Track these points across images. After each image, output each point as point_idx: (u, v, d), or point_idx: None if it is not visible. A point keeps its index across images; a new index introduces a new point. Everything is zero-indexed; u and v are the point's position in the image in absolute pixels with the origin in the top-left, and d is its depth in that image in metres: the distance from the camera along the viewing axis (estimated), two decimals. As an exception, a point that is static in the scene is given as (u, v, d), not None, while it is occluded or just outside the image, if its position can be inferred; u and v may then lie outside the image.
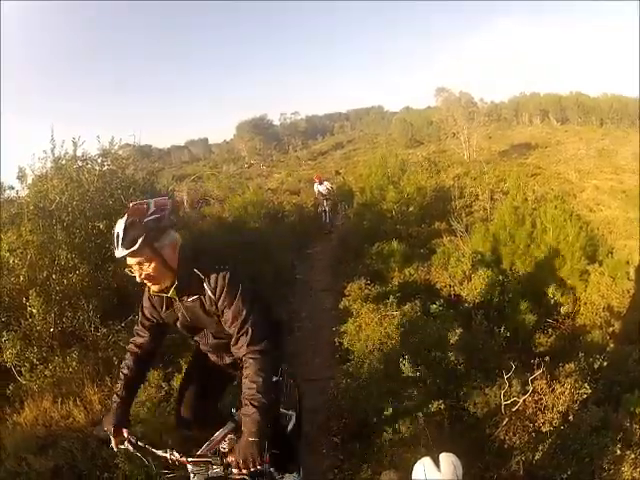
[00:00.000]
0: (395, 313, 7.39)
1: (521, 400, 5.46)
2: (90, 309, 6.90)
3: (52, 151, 7.77)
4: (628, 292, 9.35)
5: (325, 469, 5.61)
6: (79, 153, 8.05)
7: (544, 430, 5.25)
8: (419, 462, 2.22)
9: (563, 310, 9.20)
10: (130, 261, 3.10)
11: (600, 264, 9.95)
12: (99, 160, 8.35)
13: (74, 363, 6.54)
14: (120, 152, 9.04)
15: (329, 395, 6.64)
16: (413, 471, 2.19)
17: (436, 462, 2.20)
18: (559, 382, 5.63)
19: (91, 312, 6.91)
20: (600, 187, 24.58)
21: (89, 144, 8.24)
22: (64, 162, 7.81)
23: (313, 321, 9.73)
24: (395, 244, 11.47)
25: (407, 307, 7.43)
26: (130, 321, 7.04)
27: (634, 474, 4.73)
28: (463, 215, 14.06)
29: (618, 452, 4.93)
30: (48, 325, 6.59)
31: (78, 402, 6.22)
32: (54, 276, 6.79)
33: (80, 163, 8.04)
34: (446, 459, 2.22)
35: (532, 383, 5.55)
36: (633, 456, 4.89)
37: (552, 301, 9.56)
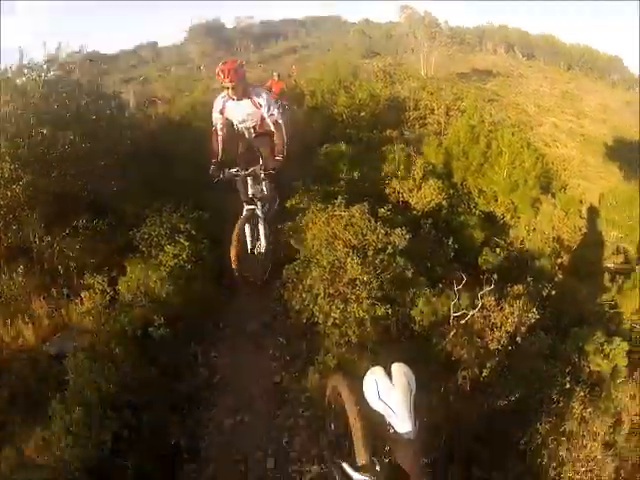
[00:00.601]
0: (343, 213, 7.27)
1: (470, 314, 5.53)
2: (34, 219, 6.76)
3: None
4: (580, 229, 9.57)
5: (272, 370, 5.66)
6: (25, 61, 7.80)
7: (492, 348, 5.38)
8: (370, 372, 2.11)
9: (513, 233, 9.32)
10: None
11: (553, 196, 10.04)
12: (45, 67, 8.03)
13: (20, 278, 6.39)
14: (64, 56, 8.79)
15: (275, 295, 6.68)
16: (364, 382, 2.06)
17: (387, 372, 2.06)
18: (508, 302, 5.70)
19: (35, 222, 6.76)
20: (559, 126, 24.29)
21: (35, 51, 8.14)
22: (10, 75, 7.65)
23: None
24: (344, 146, 11.25)
25: (355, 209, 7.29)
26: (75, 227, 6.97)
27: (584, 413, 4.81)
28: (417, 126, 13.88)
29: (567, 385, 5.04)
30: None
31: (27, 319, 6.08)
32: None
33: (26, 72, 7.77)
34: (398, 369, 2.10)
35: (481, 299, 5.60)
36: (582, 394, 5.04)
37: (501, 222, 9.65)
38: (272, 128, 6.84)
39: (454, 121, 13.84)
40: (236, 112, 6.94)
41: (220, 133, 7.05)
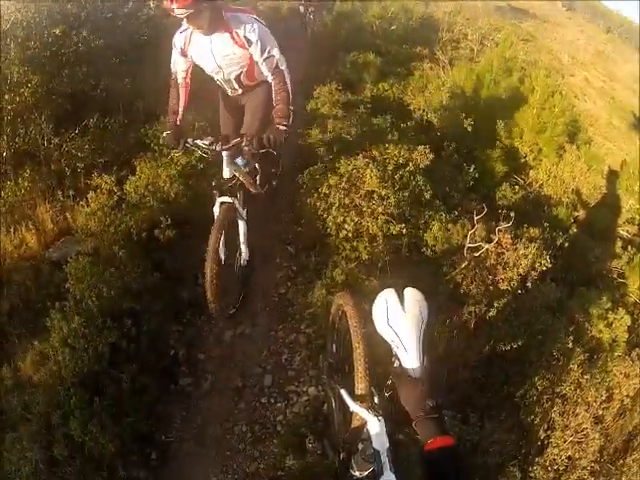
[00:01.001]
0: (365, 122, 7.21)
1: (485, 247, 5.39)
2: (42, 121, 6.48)
3: None
4: (600, 188, 9.34)
5: (278, 281, 5.60)
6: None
7: (502, 287, 5.25)
8: (381, 294, 1.94)
9: (533, 173, 9.03)
10: None
11: (578, 148, 9.76)
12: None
13: (26, 183, 6.17)
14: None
15: (287, 200, 6.59)
16: (374, 304, 1.91)
17: (400, 296, 1.91)
18: (523, 244, 5.55)
19: (43, 124, 6.49)
20: (590, 82, 23.47)
21: None
22: None
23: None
24: (372, 56, 11.06)
25: (378, 119, 7.16)
26: (84, 126, 6.74)
27: (580, 379, 4.73)
28: (449, 48, 13.40)
29: (569, 345, 4.92)
30: (1, 149, 6.24)
31: (30, 226, 5.93)
32: (6, 96, 6.36)
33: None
34: (412, 296, 1.93)
35: (498, 234, 5.46)
36: (582, 357, 4.88)
37: (523, 160, 9.42)
38: (269, 78, 4.46)
39: (487, 50, 13.48)
40: (207, 54, 4.46)
41: (182, 83, 4.78)
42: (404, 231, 5.45)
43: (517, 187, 7.93)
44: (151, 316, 4.78)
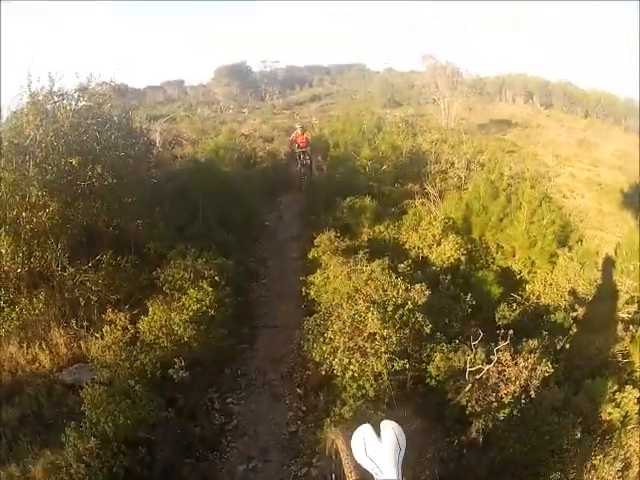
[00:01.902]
0: (365, 268, 7.39)
1: (485, 369, 5.53)
2: (58, 248, 6.82)
3: (29, 86, 7.55)
4: (595, 281, 9.54)
5: (289, 420, 5.71)
6: (56, 89, 7.83)
7: (506, 401, 5.36)
8: (358, 429, 2.16)
9: (529, 288, 9.33)
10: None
11: (570, 249, 10.07)
12: (75, 95, 8.15)
13: (40, 305, 6.46)
14: (97, 89, 8.87)
15: (294, 345, 6.77)
16: (352, 438, 2.14)
17: (377, 430, 2.14)
18: (522, 357, 5.69)
19: (59, 251, 6.83)
20: (576, 176, 24.62)
21: (67, 80, 8.05)
22: (40, 98, 7.59)
23: (280, 269, 9.90)
24: (367, 200, 11.44)
25: (376, 264, 7.43)
26: (98, 260, 7.04)
27: (594, 461, 4.84)
28: (437, 180, 13.96)
29: (579, 435, 5.05)
30: (16, 265, 6.53)
31: (44, 346, 6.20)
32: (24, 214, 6.66)
33: (56, 99, 7.82)
34: (387, 426, 2.15)
35: (497, 353, 5.62)
36: (592, 443, 5.04)
37: (518, 277, 9.74)
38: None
39: (474, 175, 14.02)
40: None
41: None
42: (407, 366, 5.61)
43: (515, 304, 8.19)
44: (165, 447, 4.91)
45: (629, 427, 5.69)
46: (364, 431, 2.12)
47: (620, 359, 7.53)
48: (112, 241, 7.65)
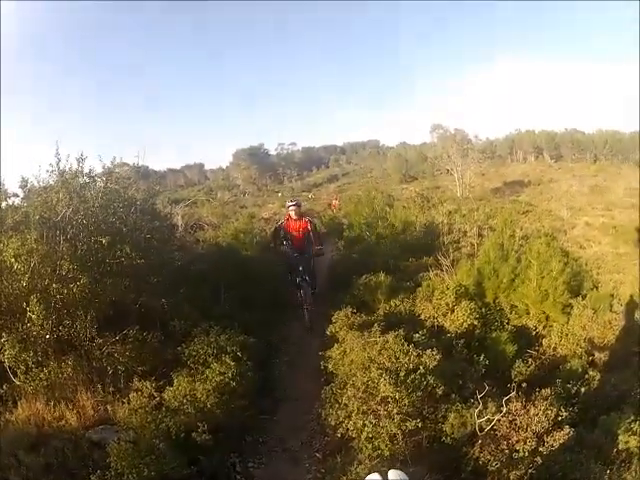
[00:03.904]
0: (378, 339, 7.58)
1: (495, 419, 5.71)
2: (88, 319, 7.06)
3: (57, 165, 7.95)
4: (610, 323, 9.65)
5: None
6: (86, 169, 8.28)
7: (518, 449, 5.47)
8: (368, 477, 2.37)
9: (545, 342, 9.53)
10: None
11: (583, 298, 10.23)
12: (104, 178, 8.62)
13: (69, 369, 6.74)
14: (118, 171, 9.28)
15: (313, 415, 6.98)
16: None
17: (385, 477, 2.35)
18: (534, 405, 5.84)
19: (88, 322, 7.07)
20: (591, 224, 24.88)
21: (90, 160, 8.41)
22: (68, 177, 7.98)
23: (301, 346, 10.12)
24: (382, 276, 11.63)
25: (390, 335, 7.60)
26: (125, 334, 7.29)
27: None
28: (451, 250, 14.22)
29: (592, 466, 5.16)
30: (45, 331, 6.75)
31: (70, 406, 6.45)
32: (55, 285, 6.97)
33: (87, 179, 8.29)
34: (393, 474, 2.37)
35: (507, 404, 5.77)
36: (608, 472, 5.12)
37: (534, 333, 9.94)
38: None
39: (486, 241, 14.30)
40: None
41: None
42: (420, 425, 5.75)
43: (530, 359, 8.35)
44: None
45: (647, 453, 5.68)
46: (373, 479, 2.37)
47: (638, 391, 7.53)
48: (138, 317, 7.90)
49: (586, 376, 7.77)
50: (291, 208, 10.94)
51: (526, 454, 5.39)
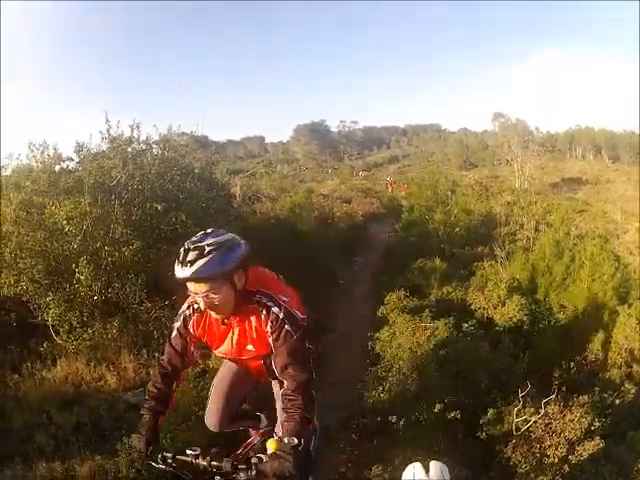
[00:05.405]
0: (428, 325, 7.61)
1: (532, 420, 5.62)
2: (138, 283, 7.19)
3: (108, 132, 8.16)
4: None
5: (340, 462, 5.88)
6: (143, 137, 8.45)
7: (549, 454, 5.40)
8: (410, 465, 2.41)
9: (589, 346, 9.32)
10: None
11: (629, 306, 10.03)
12: (161, 145, 8.80)
13: (114, 331, 6.90)
14: (176, 139, 9.50)
15: (355, 395, 6.93)
16: (404, 473, 2.38)
17: (426, 467, 2.39)
18: (570, 411, 5.79)
19: (138, 286, 7.19)
20: None
21: (147, 127, 8.75)
22: (120, 142, 8.15)
23: (350, 325, 10.06)
24: (437, 262, 11.70)
25: (441, 322, 7.65)
26: (174, 300, 7.34)
27: None
28: (507, 242, 14.13)
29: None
30: (93, 292, 6.94)
31: (111, 368, 6.55)
32: (107, 247, 7.17)
33: (143, 146, 8.46)
34: (435, 466, 2.37)
35: (545, 407, 5.71)
36: None
37: (579, 336, 9.72)
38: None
39: (542, 236, 14.09)
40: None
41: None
42: (459, 417, 5.73)
43: (572, 363, 8.22)
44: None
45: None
46: (415, 468, 2.41)
47: None
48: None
49: (622, 388, 7.63)
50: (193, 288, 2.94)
51: (556, 460, 5.31)
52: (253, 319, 3.09)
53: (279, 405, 3.32)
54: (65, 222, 6.90)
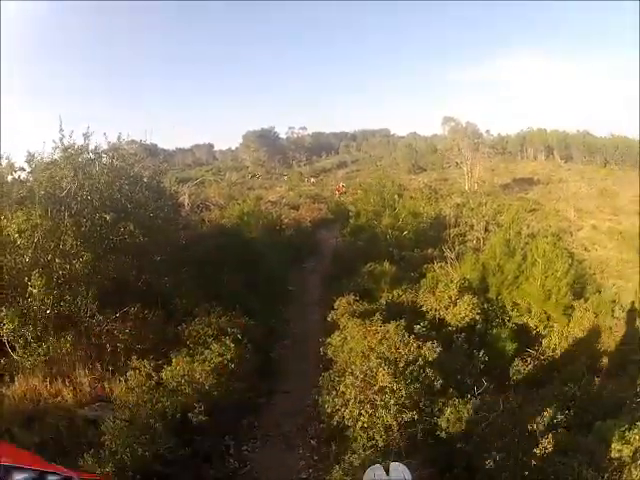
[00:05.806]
0: (379, 328, 7.58)
1: (491, 416, 5.70)
2: (89, 296, 7.07)
3: (61, 141, 7.93)
4: (610, 329, 9.65)
5: (300, 468, 5.87)
6: (92, 146, 8.26)
7: (513, 448, 5.44)
8: (370, 468, 2.37)
9: (545, 342, 9.49)
10: None
11: (586, 301, 10.22)
12: (110, 154, 8.61)
13: (68, 345, 6.75)
14: (125, 147, 9.31)
15: (310, 400, 6.99)
16: (365, 475, 2.34)
17: (387, 469, 2.35)
18: (531, 405, 5.83)
19: (89, 299, 7.08)
20: (597, 227, 25.08)
21: (96, 137, 8.42)
22: (72, 152, 7.93)
23: (302, 331, 10.14)
24: (387, 266, 11.72)
25: (392, 325, 7.62)
26: (125, 312, 7.35)
27: None
28: (456, 243, 14.27)
29: (584, 472, 5.15)
30: (46, 306, 6.77)
31: (67, 383, 6.47)
32: (57, 260, 7.00)
33: (92, 155, 8.25)
34: (396, 467, 2.37)
35: (504, 403, 5.77)
36: (600, 479, 5.11)
37: (534, 332, 9.89)
38: None
39: (492, 236, 14.31)
40: None
41: None
42: (416, 417, 5.77)
43: (529, 359, 8.33)
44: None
45: (639, 462, 5.67)
46: (375, 470, 2.36)
47: (634, 399, 7.53)
48: (140, 295, 7.94)
49: (584, 380, 7.75)
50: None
51: (520, 455, 5.38)
52: None
53: None
54: (17, 235, 6.78)
